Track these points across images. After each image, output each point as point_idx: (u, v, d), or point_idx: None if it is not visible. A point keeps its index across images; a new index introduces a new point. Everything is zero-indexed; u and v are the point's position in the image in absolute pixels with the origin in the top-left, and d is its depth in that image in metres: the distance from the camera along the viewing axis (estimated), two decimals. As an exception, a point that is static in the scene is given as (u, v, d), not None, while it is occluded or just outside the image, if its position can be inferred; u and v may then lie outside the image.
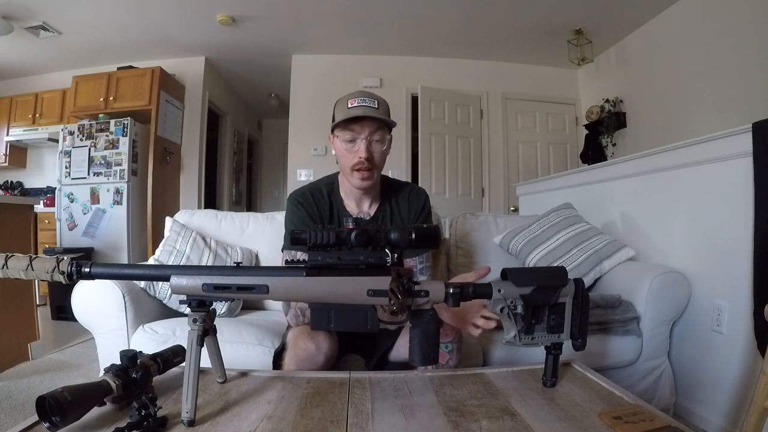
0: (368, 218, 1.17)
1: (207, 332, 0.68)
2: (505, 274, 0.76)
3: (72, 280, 0.65)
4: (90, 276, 0.66)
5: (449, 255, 1.93)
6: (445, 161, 4.04)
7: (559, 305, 0.76)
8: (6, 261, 0.63)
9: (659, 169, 1.85)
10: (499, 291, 0.74)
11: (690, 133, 1.99)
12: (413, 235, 0.68)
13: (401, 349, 1.08)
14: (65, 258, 0.65)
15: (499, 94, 4.33)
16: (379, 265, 0.67)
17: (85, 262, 0.66)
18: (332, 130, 1.15)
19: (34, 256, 0.64)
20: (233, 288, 0.65)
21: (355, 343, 1.20)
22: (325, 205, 1.18)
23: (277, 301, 1.79)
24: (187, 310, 0.67)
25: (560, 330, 0.76)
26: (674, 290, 1.57)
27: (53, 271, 0.63)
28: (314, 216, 1.15)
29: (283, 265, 0.70)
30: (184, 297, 0.67)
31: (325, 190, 1.20)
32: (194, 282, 0.65)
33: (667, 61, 3.25)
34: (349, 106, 1.09)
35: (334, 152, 1.18)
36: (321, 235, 0.65)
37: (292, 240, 0.67)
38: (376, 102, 1.11)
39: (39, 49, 3.86)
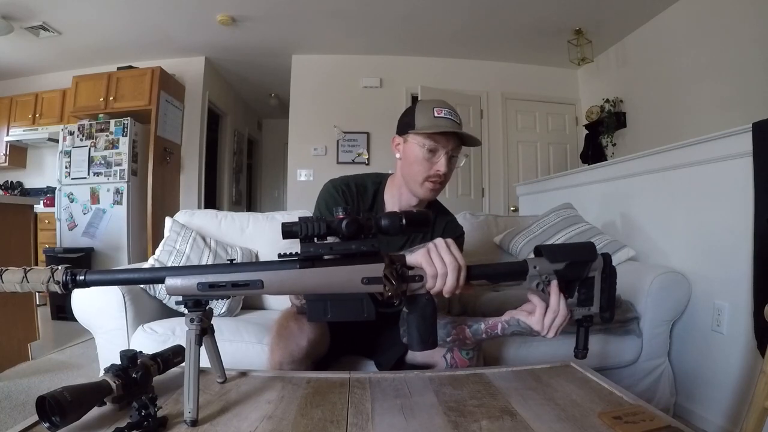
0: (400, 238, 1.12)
1: (205, 332, 0.68)
2: (539, 250, 0.77)
3: (67, 289, 0.64)
4: (85, 284, 0.65)
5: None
6: (445, 161, 4.04)
7: (589, 279, 0.77)
8: (0, 276, 0.63)
9: (659, 169, 1.85)
10: (535, 267, 0.75)
11: (690, 133, 1.99)
12: (404, 221, 0.68)
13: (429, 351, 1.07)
14: (59, 268, 0.64)
15: (499, 94, 4.33)
16: (371, 253, 0.67)
17: (80, 270, 0.65)
18: (403, 132, 1.09)
19: (29, 268, 0.63)
20: (228, 285, 0.65)
21: (356, 342, 1.20)
22: (367, 203, 1.14)
23: (278, 300, 1.79)
24: (185, 311, 0.67)
25: (590, 303, 0.78)
26: (674, 290, 1.57)
27: (48, 282, 0.63)
28: (353, 207, 1.09)
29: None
30: (180, 298, 0.67)
31: (371, 189, 1.16)
32: (189, 282, 0.65)
33: (667, 61, 3.25)
34: (436, 115, 1.03)
35: (398, 155, 1.12)
36: (312, 227, 0.65)
37: (284, 233, 0.66)
38: (458, 117, 1.06)
39: (39, 49, 3.86)
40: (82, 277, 0.64)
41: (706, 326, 1.57)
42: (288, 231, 0.66)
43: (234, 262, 0.68)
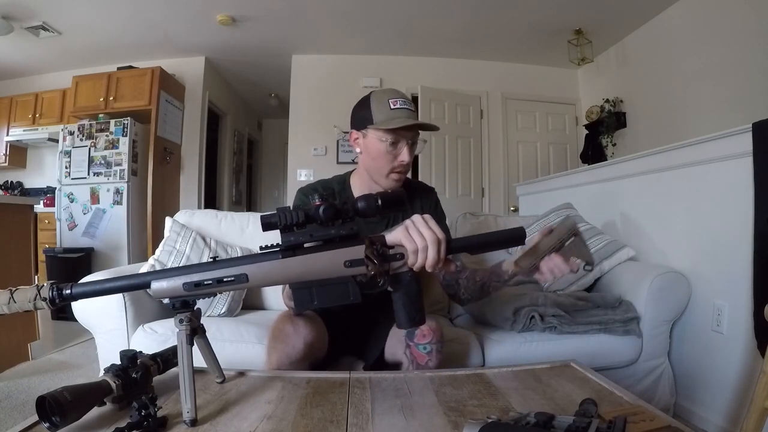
0: (378, 220, 1.14)
1: (195, 331, 0.68)
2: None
3: (55, 304, 0.63)
4: (72, 297, 0.64)
5: (449, 255, 1.93)
6: (445, 161, 4.04)
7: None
8: None
9: (659, 169, 1.85)
10: None
11: (690, 133, 1.99)
12: (379, 202, 0.69)
13: (393, 348, 1.08)
14: (45, 284, 0.63)
15: (499, 94, 4.33)
16: (351, 236, 0.68)
17: (65, 284, 0.64)
18: (361, 127, 1.10)
19: (14, 288, 0.63)
20: (214, 282, 0.65)
21: (352, 343, 1.20)
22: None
23: (278, 299, 1.79)
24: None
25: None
26: (674, 290, 1.57)
27: (35, 300, 0.62)
28: None
29: None
30: (168, 300, 0.67)
31: (338, 188, 1.19)
32: (175, 283, 0.65)
33: (667, 61, 3.25)
34: (392, 107, 1.04)
35: (358, 150, 1.14)
36: (291, 216, 0.65)
37: (264, 225, 0.67)
38: (412, 104, 1.07)
39: (39, 49, 3.86)
40: (68, 291, 0.64)
41: (706, 326, 1.57)
42: (267, 222, 0.67)
43: (217, 259, 0.68)
